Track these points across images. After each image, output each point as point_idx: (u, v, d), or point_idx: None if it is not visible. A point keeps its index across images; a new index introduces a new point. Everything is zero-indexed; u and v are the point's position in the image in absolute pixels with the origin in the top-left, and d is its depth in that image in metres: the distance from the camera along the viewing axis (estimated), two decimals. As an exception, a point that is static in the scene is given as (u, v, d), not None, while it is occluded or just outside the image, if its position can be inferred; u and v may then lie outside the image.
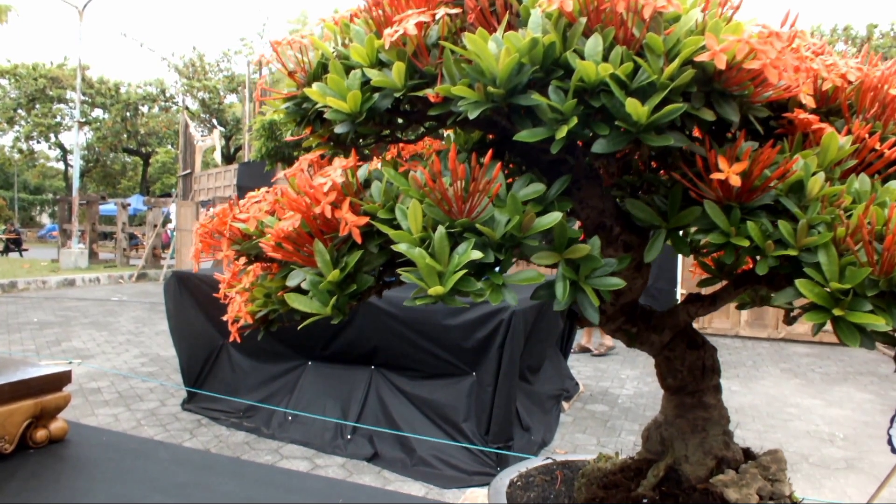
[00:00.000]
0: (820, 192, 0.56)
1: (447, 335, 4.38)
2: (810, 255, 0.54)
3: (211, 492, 1.58)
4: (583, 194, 0.70)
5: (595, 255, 0.54)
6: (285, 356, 5.10)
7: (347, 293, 0.57)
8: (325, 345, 4.86)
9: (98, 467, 1.68)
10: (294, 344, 5.02)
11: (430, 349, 4.46)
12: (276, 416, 4.92)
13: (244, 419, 5.09)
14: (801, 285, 0.53)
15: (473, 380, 4.44)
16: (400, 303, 4.50)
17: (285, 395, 4.99)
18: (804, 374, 7.69)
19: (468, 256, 0.50)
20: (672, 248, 1.14)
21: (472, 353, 4.36)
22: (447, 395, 4.47)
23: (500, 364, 4.30)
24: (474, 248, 0.50)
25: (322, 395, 4.83)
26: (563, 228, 0.54)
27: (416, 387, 4.60)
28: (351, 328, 4.68)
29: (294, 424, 4.82)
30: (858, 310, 0.51)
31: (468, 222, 0.53)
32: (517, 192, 0.54)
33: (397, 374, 4.69)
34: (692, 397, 0.91)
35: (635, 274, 0.80)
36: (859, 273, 0.50)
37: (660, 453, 0.94)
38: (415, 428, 4.46)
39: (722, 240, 0.56)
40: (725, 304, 0.88)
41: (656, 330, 0.89)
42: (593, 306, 0.54)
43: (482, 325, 4.30)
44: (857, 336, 0.52)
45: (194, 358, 5.37)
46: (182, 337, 5.42)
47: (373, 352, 4.71)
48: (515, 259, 0.55)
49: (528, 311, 4.60)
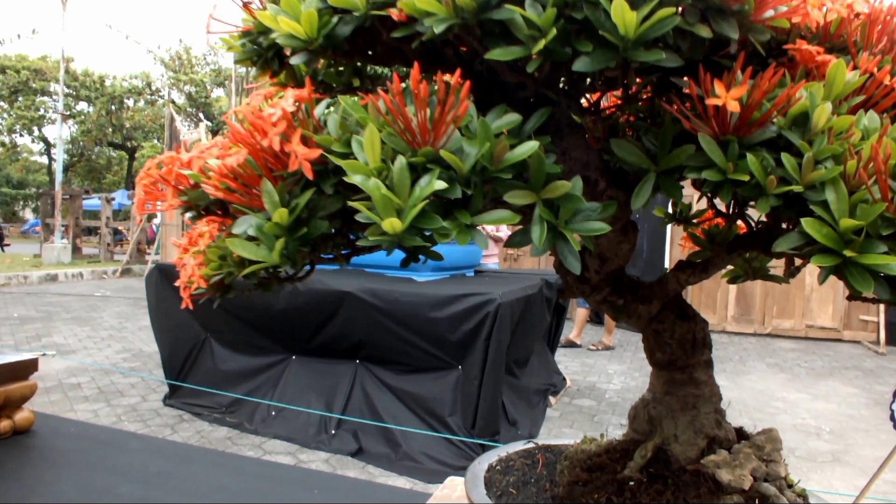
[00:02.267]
0: (827, 125, 0.50)
1: (433, 328, 4.32)
2: (816, 193, 0.48)
3: (184, 481, 1.52)
4: (565, 144, 0.64)
5: (576, 194, 0.48)
6: (269, 350, 5.02)
7: (297, 237, 0.50)
8: (310, 338, 4.79)
9: (65, 457, 1.61)
10: (278, 337, 4.94)
11: (416, 342, 4.39)
12: (259, 410, 4.84)
13: (227, 414, 5.01)
14: (808, 225, 0.47)
15: (459, 373, 4.38)
16: (385, 295, 4.44)
17: (269, 389, 4.92)
18: (790, 369, 7.70)
19: (431, 188, 0.44)
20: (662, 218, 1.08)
21: (458, 345, 4.31)
22: (433, 389, 4.41)
23: (486, 357, 4.25)
24: (439, 179, 0.44)
25: (306, 389, 4.76)
26: (541, 162, 0.47)
27: (401, 380, 4.54)
28: (336, 321, 4.61)
29: (278, 419, 4.75)
30: (871, 252, 0.45)
31: (432, 151, 0.46)
32: (490, 121, 0.48)
33: (382, 368, 4.62)
34: (682, 373, 0.85)
35: (622, 238, 0.74)
36: (872, 210, 0.45)
37: (647, 433, 0.88)
38: (400, 422, 4.39)
39: (718, 177, 0.50)
40: (717, 271, 0.83)
41: (644, 300, 0.83)
42: (574, 253, 0.48)
43: (468, 317, 4.25)
44: (869, 281, 0.46)
45: (176, 352, 5.28)
46: (164, 330, 5.33)
47: (358, 345, 4.64)
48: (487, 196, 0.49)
49: (515, 303, 4.55)
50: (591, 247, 0.51)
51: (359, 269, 5.32)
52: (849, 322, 9.76)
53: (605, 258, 0.77)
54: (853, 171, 0.48)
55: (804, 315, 9.91)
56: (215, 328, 5.19)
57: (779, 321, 10.01)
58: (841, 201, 0.47)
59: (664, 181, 0.55)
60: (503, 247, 7.36)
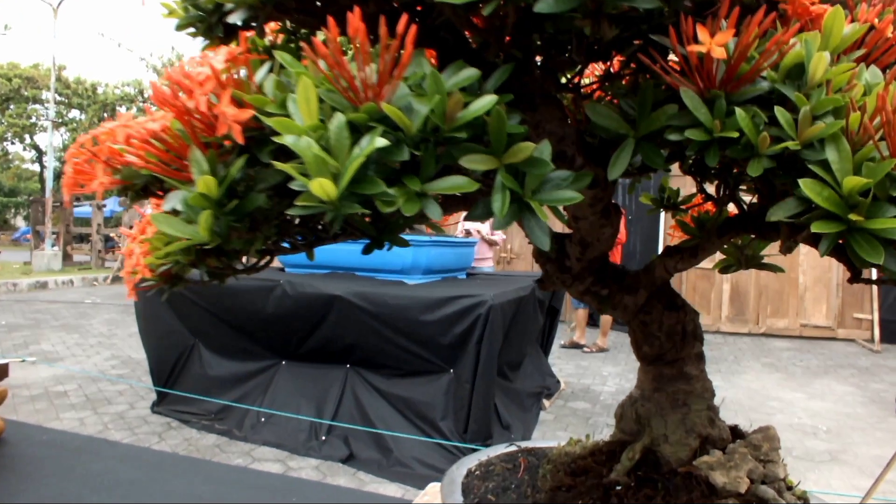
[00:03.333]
0: (824, 76, 0.44)
1: (424, 331, 4.25)
2: (815, 152, 0.43)
3: (156, 490, 1.46)
4: (539, 117, 0.58)
5: (543, 158, 0.42)
6: (258, 355, 4.94)
7: (228, 212, 0.44)
8: (300, 343, 4.71)
9: (34, 466, 1.54)
10: (267, 342, 4.87)
11: (407, 346, 4.33)
12: (248, 417, 4.77)
13: (216, 421, 4.93)
14: (807, 186, 0.41)
15: (451, 377, 4.32)
16: (375, 298, 4.37)
17: (258, 395, 4.84)
18: (785, 368, 7.67)
19: (371, 147, 0.38)
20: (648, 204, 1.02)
21: (450, 349, 4.24)
22: (424, 393, 4.34)
23: (478, 360, 4.19)
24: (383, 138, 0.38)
25: (296, 395, 4.69)
26: (501, 121, 0.41)
27: (392, 385, 4.47)
28: (326, 325, 4.55)
29: (267, 426, 4.67)
30: (880, 215, 0.40)
31: (375, 108, 0.40)
32: (446, 79, 0.42)
33: (373, 373, 4.55)
34: (672, 367, 0.80)
35: (603, 221, 0.69)
36: (880, 168, 0.39)
37: (635, 433, 0.82)
38: (391, 427, 4.33)
39: (704, 137, 0.44)
40: (707, 256, 0.77)
41: (630, 290, 0.77)
42: (542, 227, 0.42)
43: (459, 320, 4.19)
44: (878, 249, 0.40)
45: (164, 358, 5.19)
46: (152, 336, 5.25)
47: (348, 350, 4.57)
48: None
49: (506, 305, 4.50)
50: (561, 220, 0.45)
51: (349, 272, 5.26)
52: (843, 320, 9.74)
53: (586, 244, 0.71)
54: (856, 125, 0.42)
55: (798, 314, 9.89)
56: (204, 333, 5.12)
57: (773, 320, 9.98)
58: (844, 160, 0.41)
59: (644, 148, 0.49)
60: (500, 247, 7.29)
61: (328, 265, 5.32)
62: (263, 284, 4.69)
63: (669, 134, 0.47)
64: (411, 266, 5.04)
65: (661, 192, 0.92)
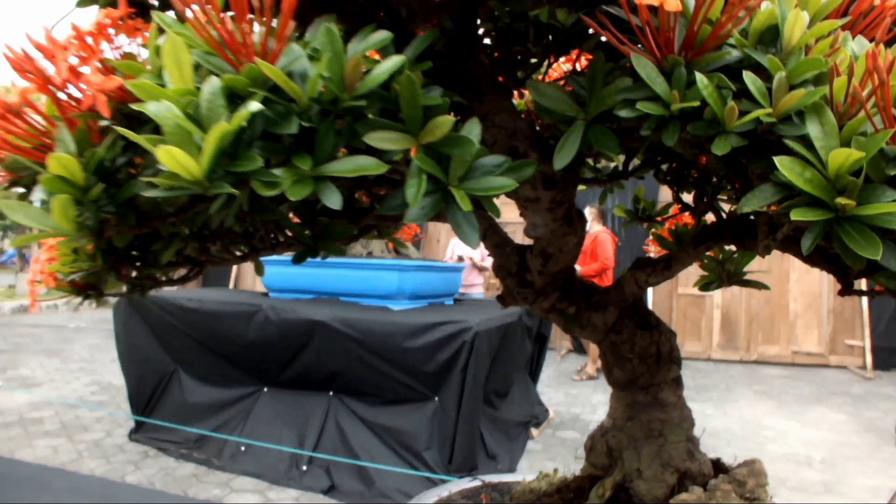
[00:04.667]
0: (802, 40, 0.37)
1: (408, 358, 4.16)
2: (793, 126, 0.36)
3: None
4: (486, 108, 0.51)
5: (468, 137, 0.35)
6: (240, 382, 4.82)
7: (94, 198, 0.36)
8: (282, 369, 4.60)
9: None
10: (249, 369, 4.75)
11: (391, 373, 4.23)
12: (228, 446, 4.63)
13: (194, 450, 4.79)
14: (784, 166, 0.34)
15: (436, 405, 4.21)
16: (359, 324, 4.28)
17: (239, 423, 4.71)
18: (778, 396, 7.58)
19: (243, 113, 0.30)
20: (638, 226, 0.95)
21: (434, 376, 4.15)
22: (408, 422, 4.23)
23: (463, 387, 4.09)
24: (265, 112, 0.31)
25: (277, 423, 4.56)
26: (413, 89, 0.34)
27: (376, 413, 4.36)
28: (308, 351, 4.44)
29: (247, 455, 4.54)
30: (875, 200, 0.32)
31: (257, 71, 0.33)
32: (355, 47, 0.35)
33: (356, 401, 4.44)
34: (646, 393, 0.72)
35: (566, 229, 0.61)
36: (872, 142, 0.32)
37: (606, 467, 0.73)
38: (374, 457, 4.20)
39: (660, 111, 0.37)
40: (683, 268, 0.70)
41: (599, 308, 0.69)
42: (470, 222, 0.35)
43: (444, 346, 4.10)
44: (875, 241, 0.33)
45: (143, 385, 5.06)
46: (131, 362, 5.12)
47: (331, 377, 4.46)
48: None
49: (493, 331, 4.41)
50: (494, 212, 0.38)
51: (333, 297, 5.17)
52: (834, 347, 9.68)
53: (548, 255, 0.63)
54: (842, 94, 0.35)
55: (789, 341, 9.83)
56: (185, 359, 5.00)
57: (764, 347, 9.91)
58: (828, 135, 0.34)
59: (595, 132, 0.42)
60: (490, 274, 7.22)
61: (312, 290, 5.23)
62: (245, 309, 4.60)
63: (620, 109, 0.40)
64: (396, 291, 4.96)
65: (635, 204, 0.84)
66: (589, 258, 7.37)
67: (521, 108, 0.79)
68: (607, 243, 7.46)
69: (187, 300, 4.87)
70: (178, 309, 4.84)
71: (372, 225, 0.68)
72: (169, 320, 4.91)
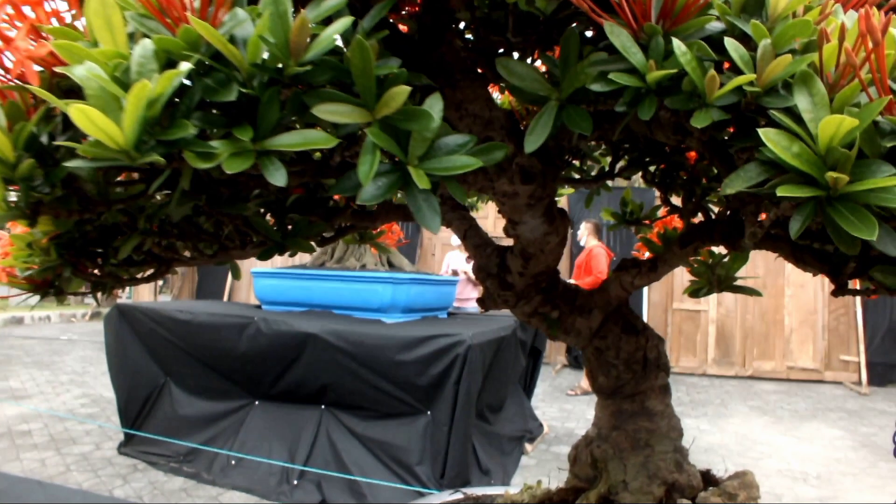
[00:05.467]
0: (789, 7, 0.34)
1: (400, 371, 4.12)
2: (780, 98, 0.33)
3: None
4: (460, 96, 0.48)
5: (428, 111, 0.32)
6: (231, 395, 4.77)
7: (23, 176, 0.33)
8: (273, 382, 4.55)
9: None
10: (241, 381, 4.70)
11: (383, 387, 4.19)
12: (218, 459, 4.57)
13: (184, 463, 4.73)
14: (770, 139, 0.31)
15: (428, 419, 4.17)
16: (351, 337, 4.24)
17: (230, 436, 4.65)
18: (773, 412, 7.54)
19: (170, 75, 0.28)
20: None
21: (427, 390, 4.11)
22: (400, 436, 4.18)
23: (455, 401, 4.05)
24: (204, 80, 0.28)
25: (268, 436, 4.51)
26: (365, 55, 0.31)
27: (367, 427, 4.31)
28: (300, 365, 4.40)
29: (237, 469, 4.48)
30: (871, 176, 0.30)
31: (193, 33, 0.30)
32: (308, 13, 0.33)
33: (348, 414, 4.39)
34: (632, 402, 0.69)
35: (547, 227, 0.58)
36: (867, 112, 0.29)
37: (591, 479, 0.70)
38: (366, 471, 4.15)
39: (636, 82, 0.35)
40: (670, 270, 0.67)
41: (583, 312, 0.67)
42: (431, 205, 0.32)
43: (436, 360, 4.06)
44: (870, 221, 0.30)
45: (134, 397, 5.00)
46: (122, 374, 5.06)
47: (323, 390, 4.41)
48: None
49: (486, 345, 4.37)
50: (459, 196, 0.35)
51: (327, 309, 5.13)
52: (830, 362, 9.66)
53: (528, 255, 0.61)
54: (833, 62, 0.32)
55: (785, 356, 9.80)
56: (176, 372, 4.95)
57: (759, 363, 9.88)
58: (818, 106, 0.31)
59: (569, 111, 0.40)
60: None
61: (306, 303, 5.19)
62: (237, 321, 4.56)
63: (593, 83, 0.37)
64: (390, 304, 4.92)
65: (623, 206, 0.82)
66: (584, 272, 7.37)
67: (504, 105, 0.77)
68: (602, 257, 7.45)
69: (179, 312, 4.83)
70: (169, 320, 4.80)
71: (350, 226, 0.65)
72: (160, 332, 4.86)
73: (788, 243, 0.51)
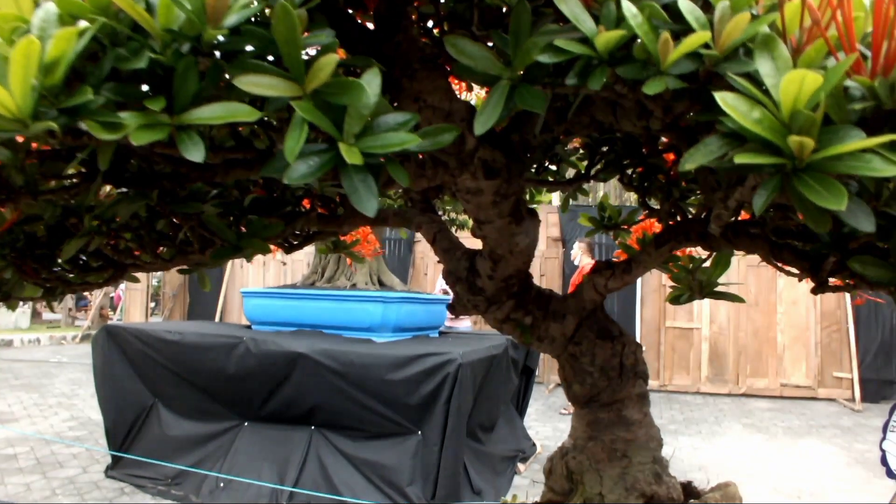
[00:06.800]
0: None
1: (390, 391, 4.07)
2: (740, 63, 0.31)
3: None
4: (419, 87, 0.47)
5: (359, 82, 0.30)
6: (220, 416, 4.70)
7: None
8: (263, 403, 4.50)
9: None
10: (230, 402, 4.64)
11: (373, 406, 4.14)
12: (207, 482, 4.50)
13: (172, 486, 4.65)
14: (728, 104, 0.30)
15: (419, 439, 4.12)
16: (340, 356, 4.20)
17: (219, 458, 4.58)
18: (767, 429, 7.50)
19: (71, 31, 0.26)
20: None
21: (417, 409, 4.06)
22: (391, 457, 4.13)
23: (446, 421, 4.00)
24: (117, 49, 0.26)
25: (258, 458, 4.44)
26: (290, 22, 0.29)
27: (358, 448, 4.26)
28: (289, 385, 4.35)
29: (226, 491, 4.40)
30: (838, 142, 0.28)
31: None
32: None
33: (338, 435, 4.34)
34: (608, 411, 0.67)
35: (514, 227, 0.57)
36: (833, 72, 0.27)
37: (567, 492, 0.68)
38: (356, 493, 4.09)
39: (585, 50, 0.33)
40: (645, 271, 0.65)
41: (557, 317, 0.64)
42: (368, 186, 0.30)
43: (426, 379, 4.02)
44: (839, 190, 0.28)
45: (121, 419, 4.93)
46: (109, 396, 4.99)
47: (313, 410, 4.36)
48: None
49: (477, 364, 4.34)
50: (400, 178, 0.33)
51: (316, 329, 5.09)
52: (823, 379, 9.64)
53: (497, 257, 0.59)
54: (795, 22, 0.31)
55: (778, 373, 9.78)
56: (164, 393, 4.88)
57: (753, 380, 9.86)
58: (781, 70, 0.30)
59: (521, 92, 0.38)
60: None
61: (295, 322, 5.15)
62: (226, 341, 4.52)
63: (541, 54, 0.36)
64: (380, 324, 4.88)
65: (601, 212, 0.80)
66: (576, 290, 7.34)
67: (478, 106, 0.74)
68: (594, 275, 7.43)
69: (167, 332, 4.79)
70: (157, 341, 4.74)
71: (317, 232, 0.62)
72: (148, 353, 4.81)
73: (767, 241, 0.49)
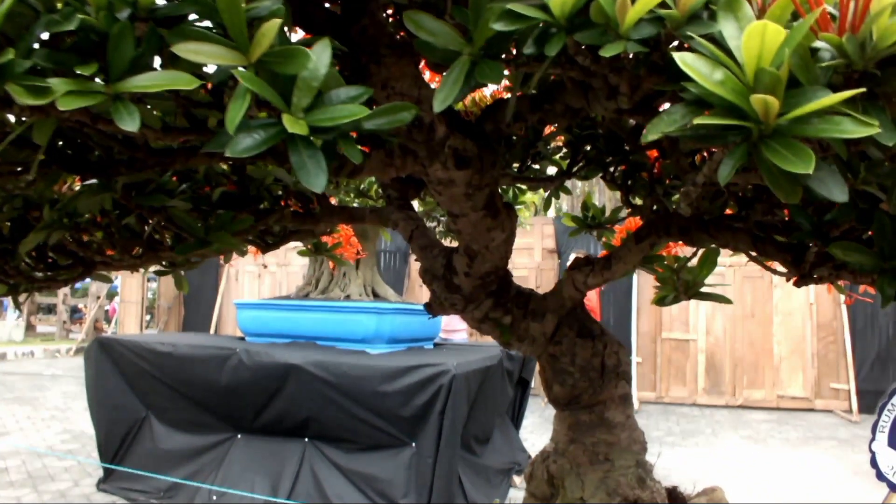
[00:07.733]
0: None
1: (384, 402, 4.05)
2: (702, 24, 0.30)
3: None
4: (386, 73, 0.45)
5: (304, 50, 0.29)
6: (213, 428, 4.66)
7: None
8: (256, 415, 4.46)
9: None
10: (222, 415, 4.60)
11: (367, 418, 4.11)
12: (199, 495, 4.46)
13: (165, 499, 4.61)
14: (687, 65, 0.28)
15: (413, 451, 4.08)
16: (334, 368, 4.17)
17: (212, 470, 4.54)
18: (764, 441, 7.47)
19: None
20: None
21: (411, 421, 4.03)
22: (385, 469, 4.09)
23: (440, 433, 3.97)
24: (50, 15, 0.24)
25: (251, 470, 4.40)
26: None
27: (351, 460, 4.22)
28: (283, 397, 4.32)
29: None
30: (804, 103, 0.26)
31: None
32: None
33: (332, 447, 4.30)
34: (590, 413, 0.65)
35: (490, 222, 0.55)
36: (798, 29, 0.26)
37: (548, 497, 0.66)
38: (349, 506, 4.05)
39: (542, 15, 0.31)
40: (626, 268, 0.63)
41: (536, 316, 0.63)
42: (316, 161, 0.29)
43: (420, 390, 4.00)
44: (806, 154, 0.27)
45: (114, 431, 4.89)
46: (101, 408, 4.95)
47: (306, 422, 4.33)
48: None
49: (471, 375, 4.31)
50: (353, 156, 0.31)
51: (310, 341, 5.06)
52: (820, 391, 9.61)
53: (472, 253, 0.57)
54: None
55: (775, 385, 9.75)
56: (156, 405, 4.84)
57: (749, 392, 9.83)
58: (745, 29, 0.28)
59: (482, 67, 0.37)
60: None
61: (289, 334, 5.12)
62: (219, 353, 4.49)
63: (496, 22, 0.34)
64: (374, 335, 4.86)
65: (584, 211, 0.78)
66: (572, 301, 7.33)
67: (460, 108, 0.74)
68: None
69: (160, 344, 4.76)
70: (150, 353, 4.71)
71: (294, 231, 0.60)
72: (141, 365, 4.77)
73: (749, 234, 0.48)
